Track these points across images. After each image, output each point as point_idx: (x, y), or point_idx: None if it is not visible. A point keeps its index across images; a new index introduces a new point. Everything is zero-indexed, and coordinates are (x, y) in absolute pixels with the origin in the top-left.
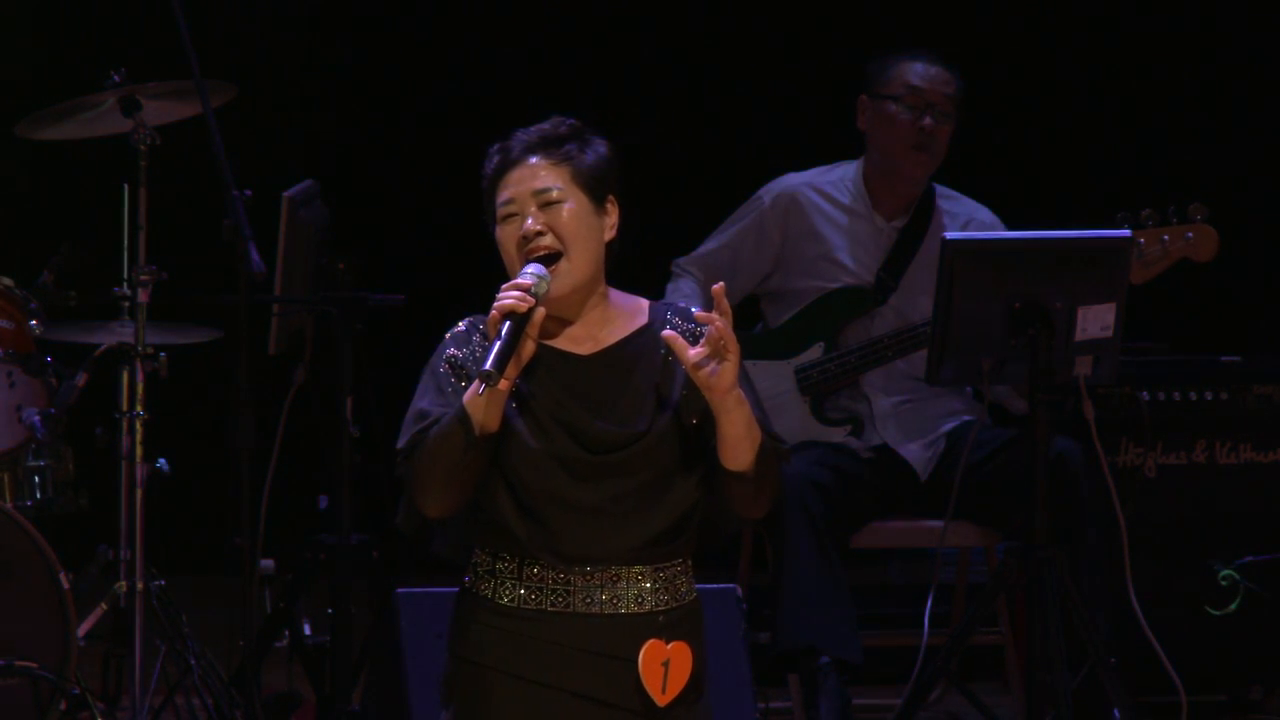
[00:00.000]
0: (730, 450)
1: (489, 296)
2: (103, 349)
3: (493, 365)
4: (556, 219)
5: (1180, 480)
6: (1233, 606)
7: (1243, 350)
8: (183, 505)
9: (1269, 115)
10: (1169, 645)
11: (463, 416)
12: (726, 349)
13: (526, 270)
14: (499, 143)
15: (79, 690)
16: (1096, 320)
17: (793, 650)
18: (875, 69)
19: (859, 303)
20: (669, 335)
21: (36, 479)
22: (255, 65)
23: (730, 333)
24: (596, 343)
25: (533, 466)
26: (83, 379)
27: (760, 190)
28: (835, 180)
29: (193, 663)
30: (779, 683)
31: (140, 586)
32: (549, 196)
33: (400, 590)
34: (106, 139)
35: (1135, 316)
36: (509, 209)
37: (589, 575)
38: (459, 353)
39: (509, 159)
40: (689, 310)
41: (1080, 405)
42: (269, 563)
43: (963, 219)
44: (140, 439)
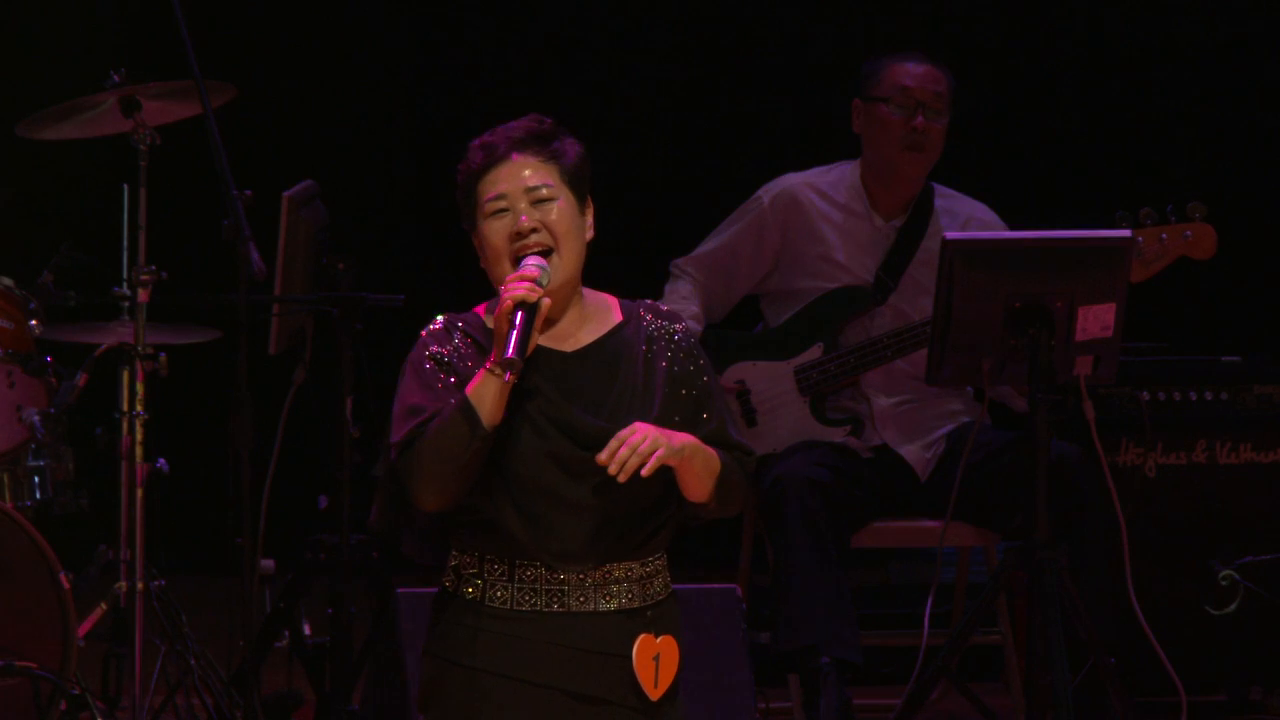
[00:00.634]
0: (688, 489)
1: (489, 296)
2: (103, 349)
3: (515, 353)
4: (548, 216)
5: (1180, 480)
6: (1233, 606)
7: (1243, 350)
8: (183, 505)
9: (1268, 115)
10: (1169, 645)
11: (467, 409)
12: (639, 455)
13: (528, 262)
14: (478, 140)
15: (79, 690)
16: (1096, 320)
17: (793, 650)
18: (866, 71)
19: (858, 303)
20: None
21: (36, 479)
22: (255, 65)
23: (636, 441)
24: (577, 340)
25: (530, 464)
26: (83, 379)
27: (759, 190)
28: (834, 180)
29: (193, 663)
30: (779, 683)
31: (140, 586)
32: (540, 194)
33: (400, 590)
34: (106, 139)
35: (1135, 316)
36: (498, 204)
37: (582, 574)
38: (442, 350)
39: (495, 155)
40: (658, 306)
41: (1080, 405)
42: (269, 563)
43: (962, 218)
44: (140, 439)
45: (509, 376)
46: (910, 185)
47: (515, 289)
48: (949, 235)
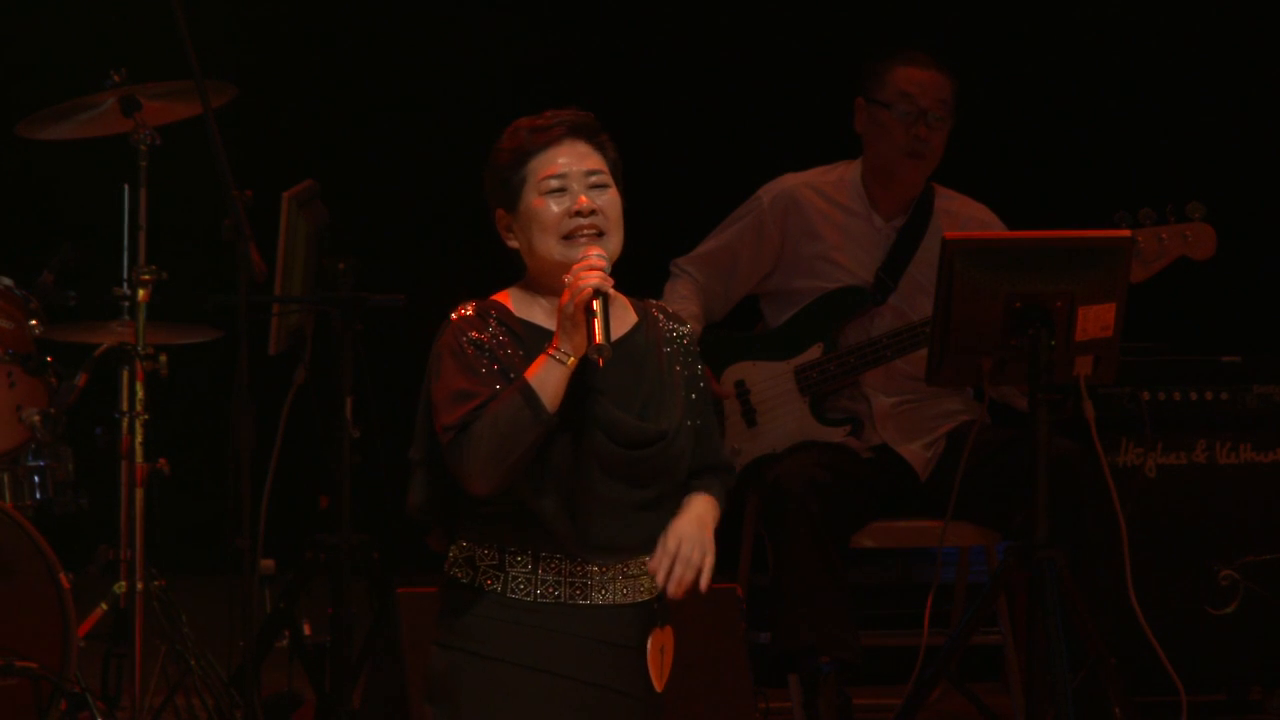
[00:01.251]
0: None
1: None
2: (103, 349)
3: (603, 338)
4: (602, 200)
5: (1180, 480)
6: (1233, 606)
7: (1243, 350)
8: (183, 505)
9: (1268, 115)
10: (1169, 645)
11: (530, 394)
12: (693, 568)
13: (591, 253)
14: (523, 122)
15: (79, 690)
16: (1096, 320)
17: (793, 650)
18: (870, 72)
19: (858, 303)
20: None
21: (36, 479)
22: (255, 65)
23: (686, 553)
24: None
25: (569, 457)
26: (83, 379)
27: (759, 190)
28: (834, 180)
29: (193, 663)
30: (779, 683)
31: (140, 586)
32: (599, 179)
33: (400, 590)
34: (106, 139)
35: (1135, 316)
36: (558, 183)
37: (605, 567)
38: (480, 335)
39: (551, 135)
40: (665, 306)
41: (1080, 405)
42: (269, 563)
43: (962, 218)
44: (140, 439)
45: (601, 362)
46: (910, 189)
47: (590, 277)
48: (949, 235)
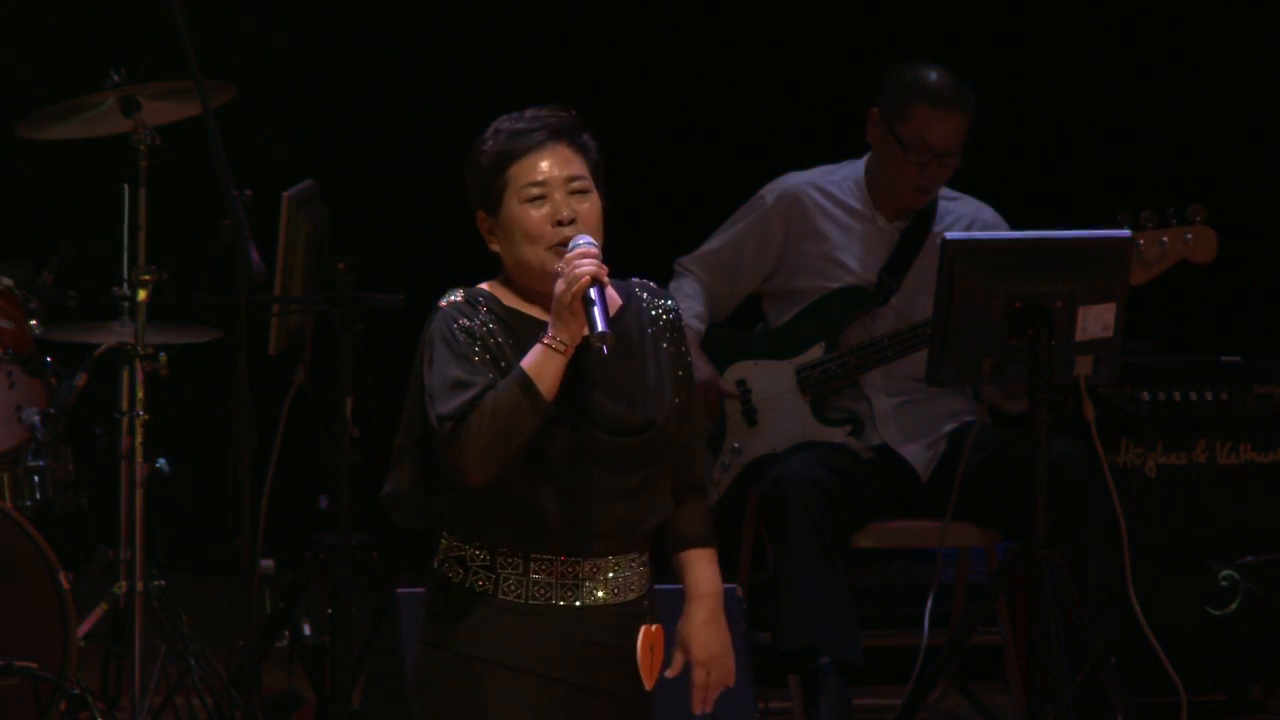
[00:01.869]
0: None
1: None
2: (103, 349)
3: (605, 326)
4: (582, 208)
5: (1180, 480)
6: (1233, 606)
7: (1243, 350)
8: (183, 505)
9: (1269, 115)
10: (1169, 645)
11: (528, 385)
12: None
13: (581, 240)
14: (504, 123)
15: (79, 690)
16: (1096, 320)
17: (793, 650)
18: (890, 90)
19: (860, 303)
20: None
21: (36, 479)
22: (255, 65)
23: (718, 688)
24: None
25: (560, 449)
26: (83, 379)
27: (763, 189)
28: (838, 180)
29: (193, 663)
30: (779, 683)
31: (140, 586)
32: (578, 185)
33: (400, 590)
34: (106, 139)
35: (1135, 316)
36: (538, 190)
37: (596, 564)
38: (470, 322)
39: (532, 140)
40: (648, 283)
41: (1080, 405)
42: (269, 563)
43: (966, 219)
44: (140, 439)
45: (605, 350)
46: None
47: (586, 264)
48: (949, 235)
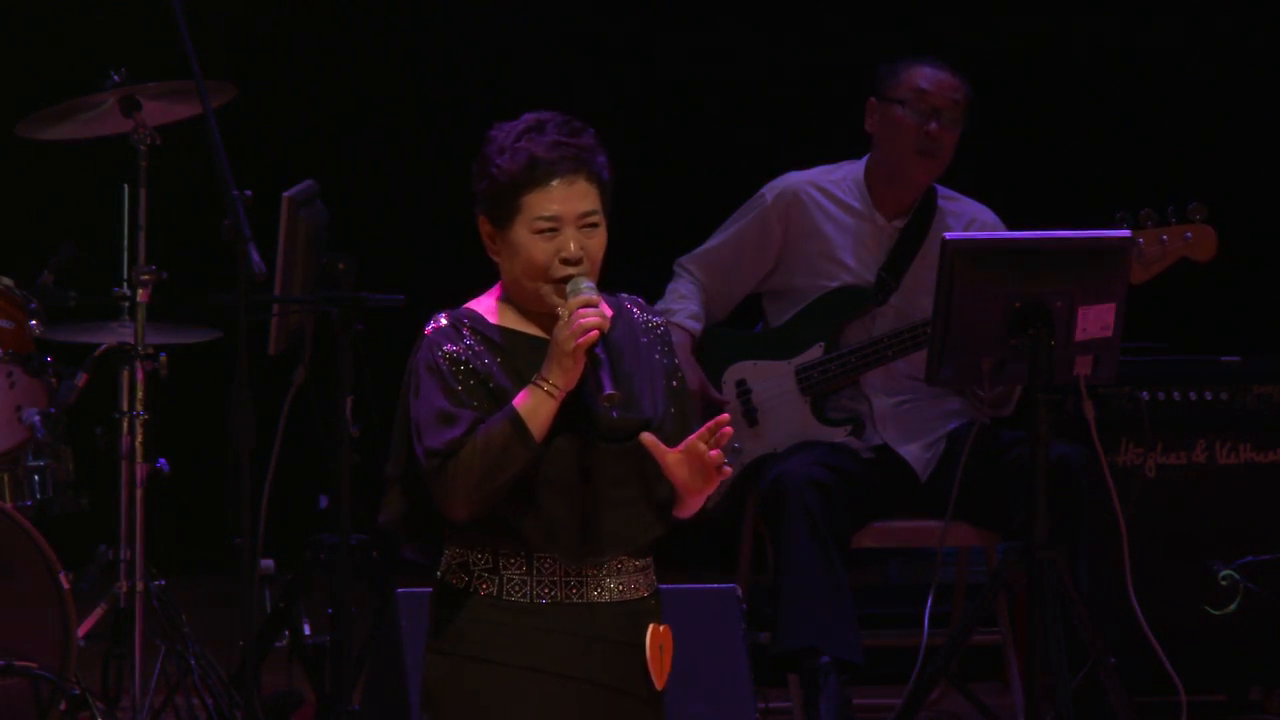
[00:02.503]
0: (692, 503)
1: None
2: (103, 349)
3: (612, 388)
4: (590, 243)
5: (1180, 480)
6: (1233, 606)
7: (1243, 350)
8: (183, 505)
9: (1269, 115)
10: (1169, 645)
11: (520, 426)
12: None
13: (584, 285)
14: (525, 139)
15: (79, 690)
16: (1096, 320)
17: (793, 650)
18: (884, 72)
19: (860, 302)
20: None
21: (36, 479)
22: (255, 65)
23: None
24: None
25: (551, 460)
26: (83, 379)
27: (763, 188)
28: (838, 179)
29: (193, 663)
30: (779, 683)
31: (140, 586)
32: (590, 220)
33: (400, 590)
34: (106, 139)
35: (1135, 316)
36: (550, 224)
37: (599, 565)
38: (456, 348)
39: (553, 169)
40: (639, 299)
41: (1080, 405)
42: (269, 563)
43: (965, 220)
44: (140, 439)
45: (616, 414)
46: (915, 189)
47: (590, 317)
48: (949, 235)
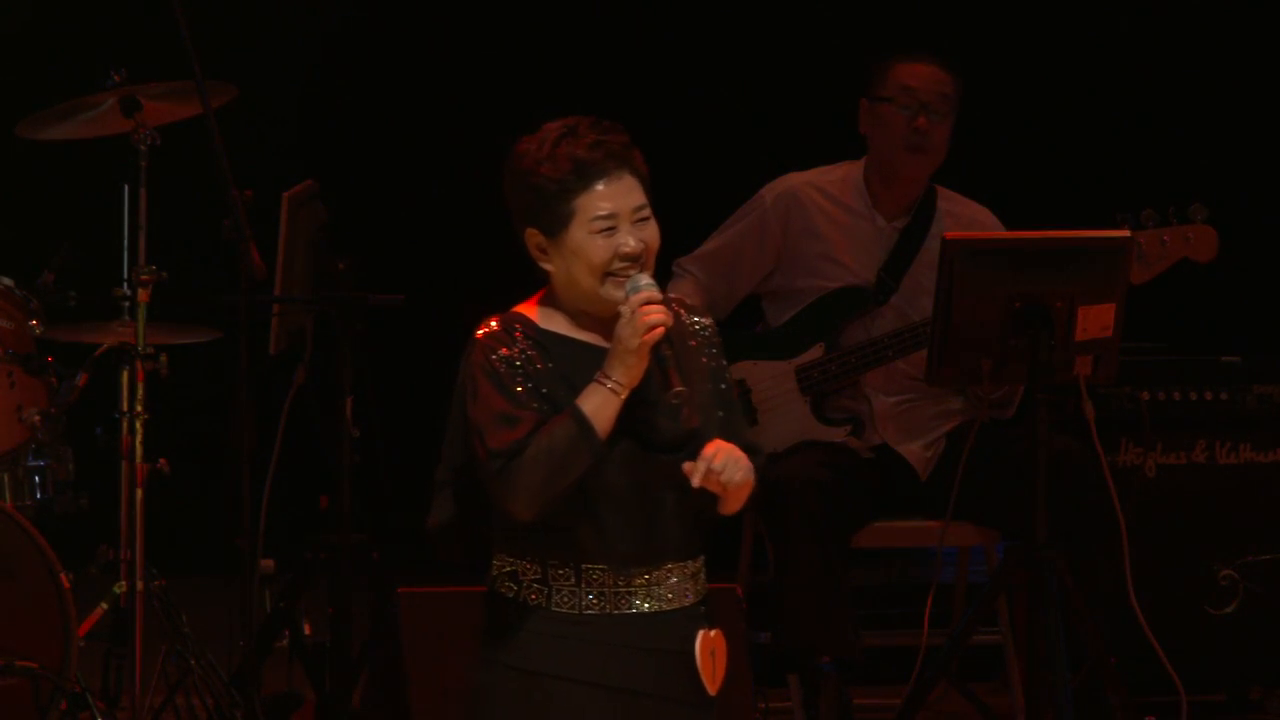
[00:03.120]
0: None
1: (489, 296)
2: (103, 349)
3: (680, 383)
4: (645, 234)
5: (1180, 480)
6: (1233, 606)
7: (1243, 350)
8: (183, 505)
9: (1269, 115)
10: (1169, 645)
11: (584, 425)
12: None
13: (643, 281)
14: (565, 145)
15: (79, 690)
16: (1096, 320)
17: (793, 650)
18: (873, 71)
19: (860, 303)
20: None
21: (36, 479)
22: (255, 65)
23: (718, 464)
24: None
25: (604, 468)
26: (83, 379)
27: (762, 189)
28: (837, 180)
29: (193, 663)
30: (779, 683)
31: (140, 586)
32: (642, 214)
33: (400, 590)
34: (106, 139)
35: (1135, 316)
36: (608, 222)
37: (648, 574)
38: (509, 351)
39: (600, 168)
40: (684, 300)
41: (1080, 405)
42: (269, 563)
43: (964, 221)
44: (140, 439)
45: (682, 407)
46: (912, 186)
47: (656, 315)
48: (949, 235)
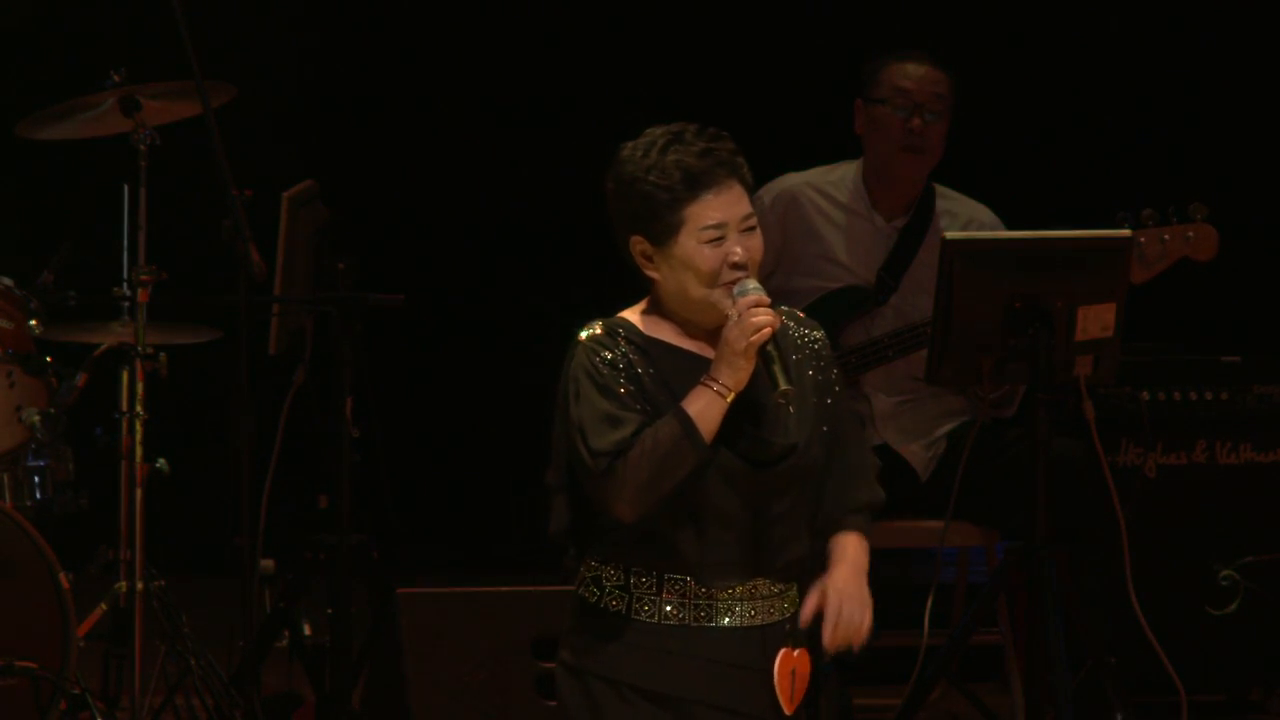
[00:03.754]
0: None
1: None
2: (103, 349)
3: (788, 383)
4: (751, 244)
5: (1180, 480)
6: (1233, 606)
7: (1243, 350)
8: (183, 505)
9: (1269, 115)
10: (1169, 645)
11: (690, 427)
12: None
13: (750, 286)
14: (673, 152)
15: (79, 690)
16: (1096, 320)
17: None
18: (867, 72)
19: (859, 303)
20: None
21: (36, 479)
22: (255, 65)
23: (849, 626)
24: None
25: (699, 478)
26: (83, 379)
27: (760, 190)
28: (835, 180)
29: (193, 663)
30: None
31: (140, 586)
32: (749, 223)
33: (400, 590)
34: (106, 139)
35: (1135, 316)
36: (717, 232)
37: (732, 589)
38: (612, 354)
39: (711, 176)
40: (795, 312)
41: (1080, 405)
42: (269, 563)
43: (963, 219)
44: (140, 439)
45: (791, 407)
46: (910, 186)
47: (763, 316)
48: (949, 235)
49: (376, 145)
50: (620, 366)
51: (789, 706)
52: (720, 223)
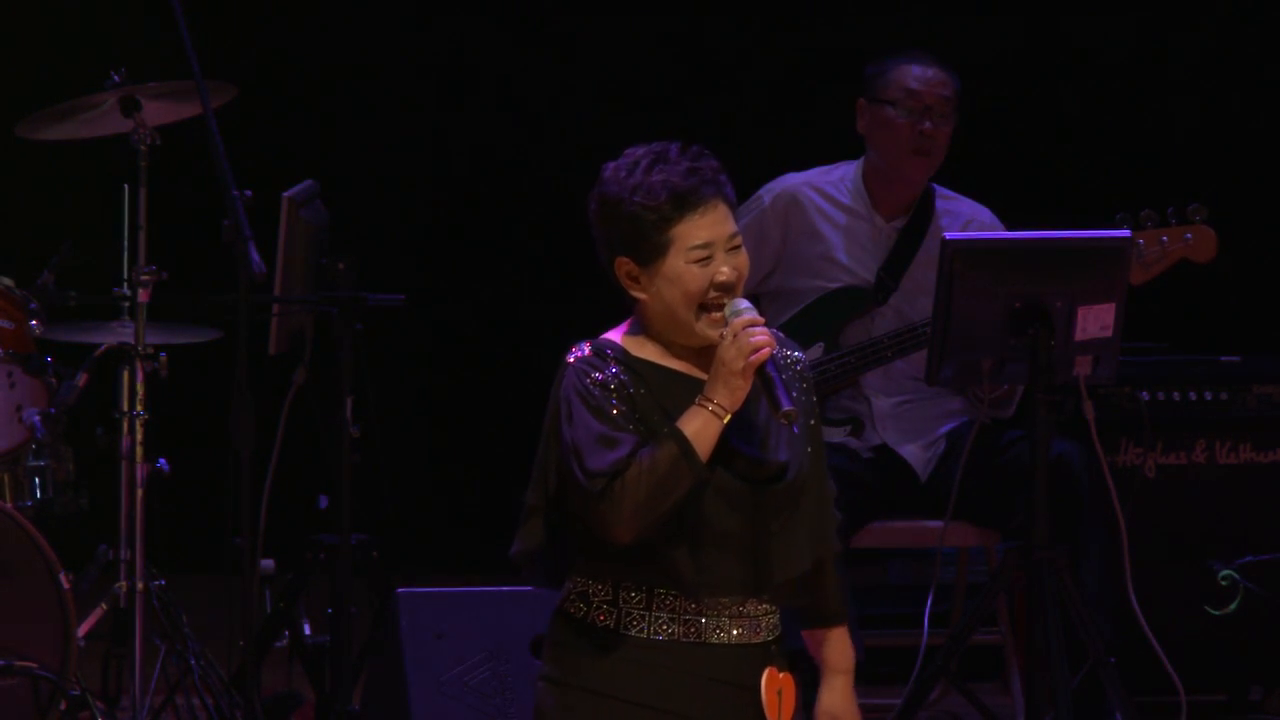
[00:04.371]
0: None
1: (489, 297)
2: (103, 349)
3: (789, 404)
4: (737, 262)
5: (1180, 480)
6: (1233, 606)
7: (1243, 350)
8: (183, 505)
9: (1268, 115)
10: (1169, 645)
11: (687, 447)
12: None
13: (741, 305)
14: (653, 170)
15: (79, 690)
16: (1096, 320)
17: (793, 650)
18: (873, 73)
19: (859, 303)
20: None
21: (36, 479)
22: (255, 65)
23: None
24: None
25: (692, 497)
26: (83, 379)
27: (760, 190)
28: (835, 180)
29: (193, 663)
30: None
31: (140, 586)
32: (735, 242)
33: (400, 590)
34: (106, 139)
35: (1135, 316)
36: (705, 251)
37: (723, 606)
38: (603, 375)
39: (697, 196)
40: (777, 332)
41: (1080, 405)
42: (269, 563)
43: (963, 219)
44: (140, 439)
45: (795, 428)
46: (913, 187)
47: (760, 336)
48: (949, 235)
49: (376, 145)
50: (612, 387)
51: None
52: (708, 242)
